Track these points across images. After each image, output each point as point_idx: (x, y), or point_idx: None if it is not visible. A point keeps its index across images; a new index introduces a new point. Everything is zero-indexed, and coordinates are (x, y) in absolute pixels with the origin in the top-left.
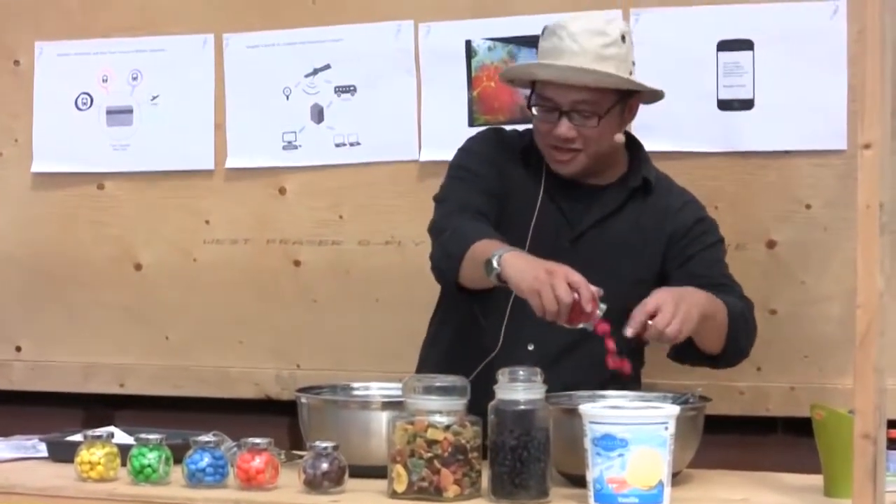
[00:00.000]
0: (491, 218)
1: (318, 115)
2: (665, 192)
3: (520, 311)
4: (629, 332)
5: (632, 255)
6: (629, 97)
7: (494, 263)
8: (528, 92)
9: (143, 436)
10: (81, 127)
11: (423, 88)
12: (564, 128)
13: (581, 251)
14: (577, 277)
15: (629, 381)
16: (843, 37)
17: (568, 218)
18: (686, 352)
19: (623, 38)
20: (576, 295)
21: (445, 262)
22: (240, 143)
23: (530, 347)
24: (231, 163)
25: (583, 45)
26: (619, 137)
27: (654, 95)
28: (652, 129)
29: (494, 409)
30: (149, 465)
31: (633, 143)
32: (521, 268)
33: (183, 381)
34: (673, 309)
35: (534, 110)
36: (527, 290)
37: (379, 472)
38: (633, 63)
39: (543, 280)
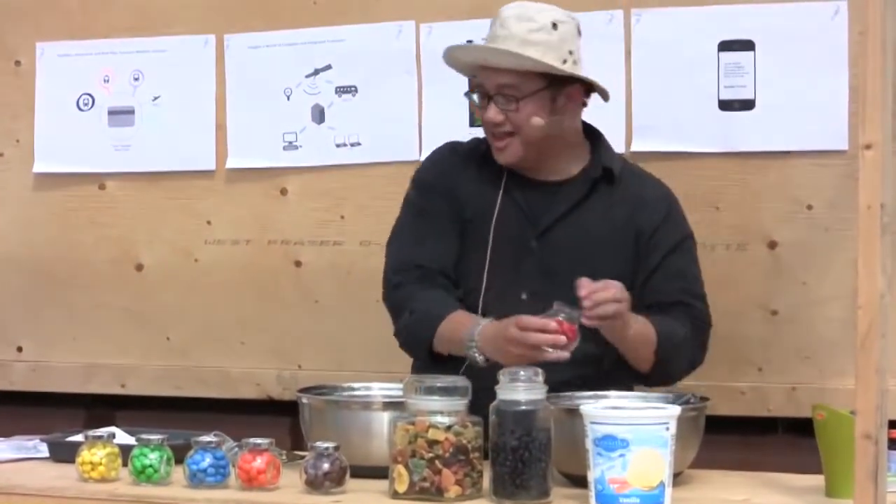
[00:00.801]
0: (449, 252)
1: (319, 115)
2: (637, 182)
3: (498, 307)
4: (582, 291)
5: (604, 248)
6: (562, 85)
7: (477, 356)
8: None
9: (144, 436)
10: (83, 127)
11: (425, 89)
12: (492, 111)
13: (547, 248)
14: (525, 322)
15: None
16: (844, 38)
17: (530, 216)
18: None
19: (555, 25)
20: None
21: (415, 350)
22: (241, 143)
23: None
24: (232, 163)
25: (510, 29)
26: (550, 123)
27: (599, 88)
28: (653, 130)
29: (496, 409)
30: (150, 466)
31: (593, 135)
32: (494, 348)
33: (184, 381)
34: (615, 306)
35: (473, 96)
36: (510, 359)
37: (380, 473)
38: (571, 52)
39: (512, 350)
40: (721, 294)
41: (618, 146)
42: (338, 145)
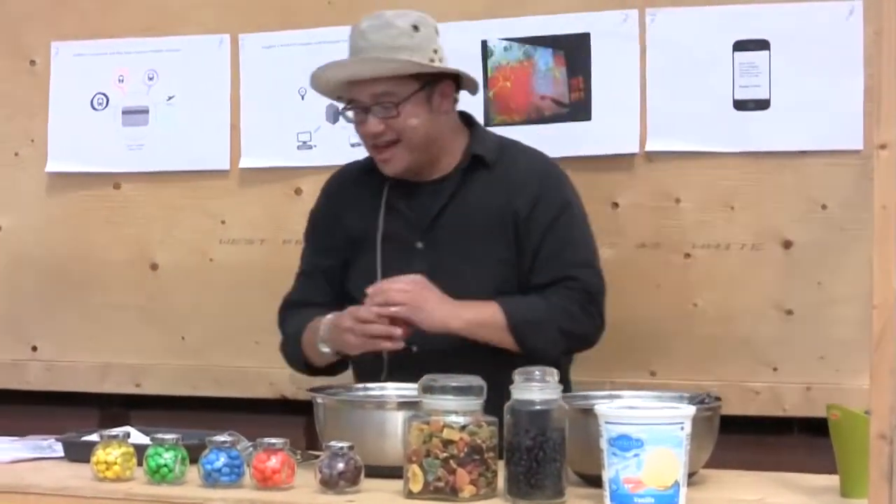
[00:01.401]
0: (332, 272)
1: (333, 115)
2: (510, 163)
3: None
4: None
5: (484, 235)
6: (435, 84)
7: (324, 349)
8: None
9: (159, 436)
10: (97, 127)
11: None
12: (371, 123)
13: (433, 247)
14: (359, 314)
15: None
16: (859, 37)
17: (412, 220)
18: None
19: (416, 28)
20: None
21: (296, 368)
22: (255, 143)
23: (414, 349)
24: (245, 163)
25: (372, 40)
26: (433, 124)
27: (469, 81)
28: (667, 130)
29: (510, 409)
30: (165, 465)
31: (469, 124)
32: (336, 339)
33: (199, 381)
34: (408, 304)
35: (347, 114)
36: (349, 348)
37: (395, 473)
38: (436, 51)
39: (349, 339)
40: (736, 294)
41: (632, 146)
42: (352, 145)
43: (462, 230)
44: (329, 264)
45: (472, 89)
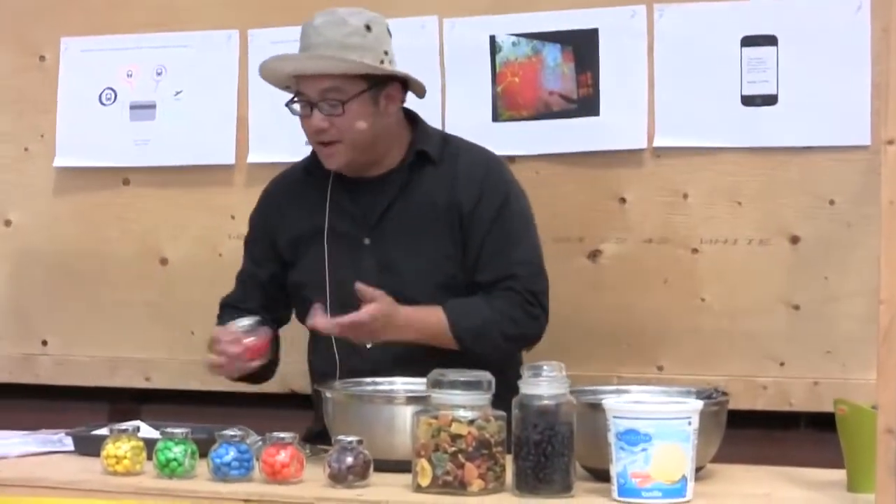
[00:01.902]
0: (267, 280)
1: None
2: (453, 159)
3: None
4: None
5: (430, 231)
6: (383, 86)
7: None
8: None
9: (168, 430)
10: (105, 122)
11: (448, 84)
12: (316, 119)
13: (379, 243)
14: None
15: None
16: (867, 33)
17: (357, 215)
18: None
19: (368, 27)
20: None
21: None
22: (262, 138)
23: (368, 346)
24: (253, 157)
25: (325, 36)
26: (375, 125)
27: (417, 85)
28: (676, 125)
29: (518, 403)
30: (174, 459)
31: (412, 120)
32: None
33: (208, 375)
34: (369, 328)
35: (294, 107)
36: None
37: (403, 467)
38: (387, 52)
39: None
40: (743, 289)
41: (640, 141)
42: None
43: (408, 226)
44: (264, 273)
45: (420, 93)
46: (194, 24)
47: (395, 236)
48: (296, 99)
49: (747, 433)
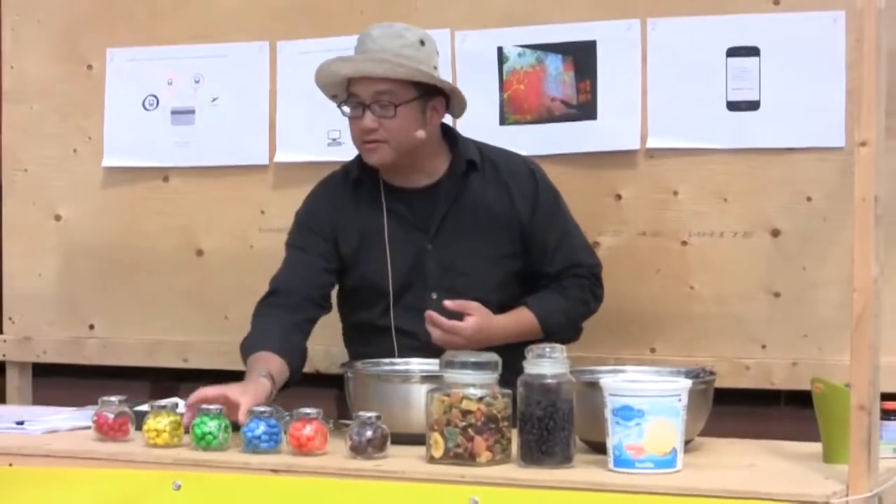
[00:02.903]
0: (314, 274)
1: None
2: (501, 163)
3: (409, 314)
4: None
5: (488, 233)
6: (430, 98)
7: None
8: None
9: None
10: (148, 126)
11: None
12: (368, 120)
13: (441, 248)
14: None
15: None
16: (841, 44)
17: (416, 222)
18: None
19: (422, 42)
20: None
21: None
22: (289, 139)
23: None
24: (280, 157)
25: (383, 45)
26: (421, 133)
27: (460, 103)
28: (667, 128)
29: (523, 382)
30: (209, 433)
31: (449, 134)
32: None
33: (239, 356)
34: (465, 337)
35: (344, 108)
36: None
37: (418, 440)
38: (436, 68)
39: None
40: (729, 278)
41: (634, 143)
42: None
43: (469, 230)
44: (312, 258)
45: (458, 112)
46: (229, 37)
47: (454, 240)
48: (348, 101)
49: (732, 409)
